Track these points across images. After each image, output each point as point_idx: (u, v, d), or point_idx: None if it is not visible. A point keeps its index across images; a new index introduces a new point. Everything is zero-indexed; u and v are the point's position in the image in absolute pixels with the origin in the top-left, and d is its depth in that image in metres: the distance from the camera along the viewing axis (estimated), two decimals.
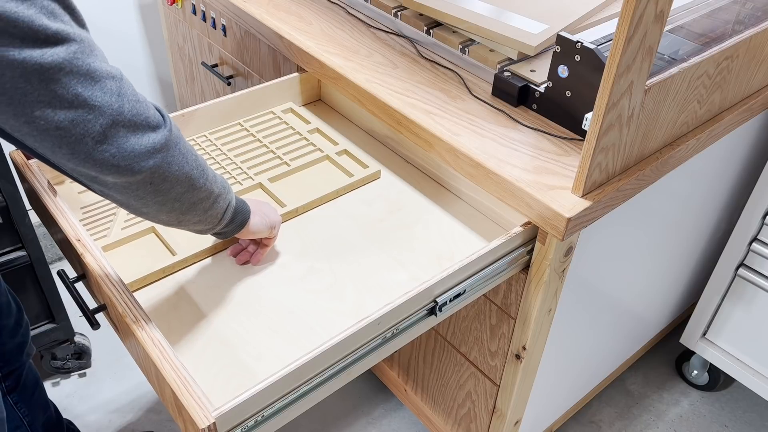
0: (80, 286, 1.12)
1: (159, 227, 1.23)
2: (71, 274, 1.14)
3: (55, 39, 0.75)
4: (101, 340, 2.10)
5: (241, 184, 1.34)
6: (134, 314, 0.97)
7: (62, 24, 0.77)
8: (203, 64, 2.07)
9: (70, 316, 1.94)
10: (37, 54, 0.74)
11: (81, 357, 2.02)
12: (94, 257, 1.07)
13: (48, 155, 0.82)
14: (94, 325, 1.05)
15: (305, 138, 1.48)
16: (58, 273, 1.14)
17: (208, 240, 1.21)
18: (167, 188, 0.90)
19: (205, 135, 1.47)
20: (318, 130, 1.50)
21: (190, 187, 0.93)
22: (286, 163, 1.40)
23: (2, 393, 1.41)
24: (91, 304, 1.10)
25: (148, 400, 1.96)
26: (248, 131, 1.49)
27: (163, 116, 0.88)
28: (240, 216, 1.07)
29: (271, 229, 1.15)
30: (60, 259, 2.36)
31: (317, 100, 1.65)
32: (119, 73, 0.83)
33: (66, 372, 2.02)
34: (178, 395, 0.86)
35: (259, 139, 1.47)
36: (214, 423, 0.83)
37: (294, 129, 1.50)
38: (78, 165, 0.83)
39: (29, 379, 1.47)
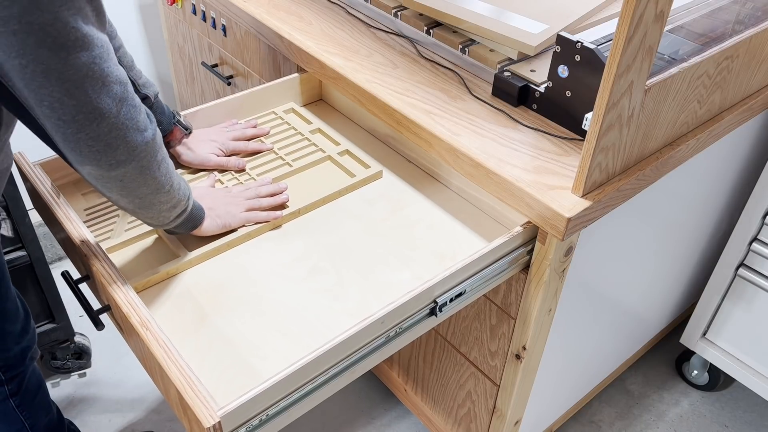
0: (83, 287, 1.13)
1: (161, 230, 1.23)
2: (73, 275, 1.14)
3: (82, 43, 0.82)
4: (101, 340, 2.10)
5: (244, 185, 1.34)
6: (139, 315, 0.98)
7: (91, 27, 0.83)
8: (203, 64, 2.08)
9: (70, 316, 1.94)
10: (62, 55, 0.81)
11: (81, 357, 2.02)
12: (98, 258, 1.07)
13: (45, 129, 0.89)
14: (99, 325, 1.06)
15: (307, 138, 1.48)
16: (62, 274, 1.14)
17: (212, 241, 1.21)
18: (135, 187, 0.98)
19: None
20: (320, 131, 1.51)
21: (155, 191, 1.01)
22: (288, 163, 1.41)
23: (4, 396, 1.41)
24: (95, 304, 1.10)
25: (148, 400, 1.96)
26: None
27: (150, 122, 0.95)
28: (191, 223, 1.15)
29: (223, 228, 1.21)
30: (60, 259, 2.36)
31: (318, 100, 1.65)
32: (125, 76, 0.89)
33: (66, 372, 2.02)
34: (183, 394, 0.87)
35: (261, 140, 1.47)
36: (219, 422, 0.83)
37: (296, 129, 1.50)
38: (64, 150, 0.90)
39: (32, 382, 1.47)
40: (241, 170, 1.39)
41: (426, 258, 1.22)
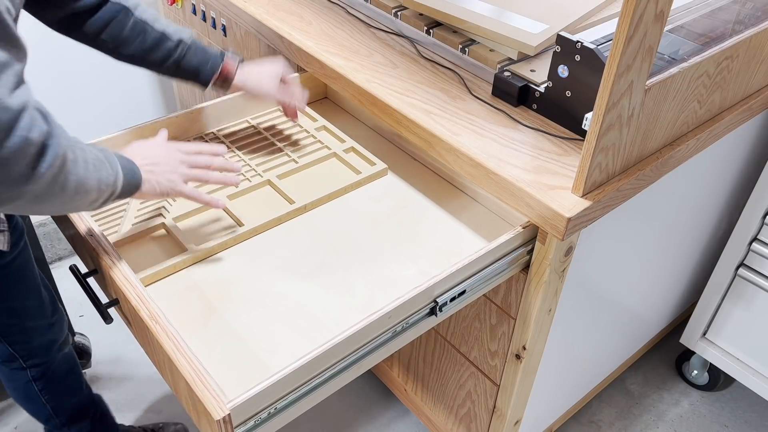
0: (88, 283, 1.13)
1: (167, 223, 1.24)
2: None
3: None
4: (101, 340, 2.10)
5: (250, 181, 1.35)
6: (148, 308, 0.98)
7: None
8: None
9: (69, 316, 1.94)
10: None
11: (81, 357, 2.02)
12: (106, 252, 1.08)
13: None
14: (107, 319, 1.06)
15: (312, 135, 1.49)
16: (71, 268, 1.14)
17: (219, 236, 1.22)
18: (38, 209, 0.88)
19: (213, 132, 1.48)
20: (325, 128, 1.51)
21: (66, 202, 0.91)
22: (294, 160, 1.42)
23: (27, 380, 1.43)
24: (102, 299, 1.10)
25: (148, 400, 1.96)
26: (256, 128, 1.50)
27: (46, 144, 0.83)
28: (123, 197, 1.02)
29: (162, 197, 1.10)
30: (60, 258, 2.36)
31: (324, 98, 1.66)
32: (20, 103, 0.79)
33: None
34: (192, 387, 0.87)
35: (267, 137, 1.48)
36: (228, 414, 0.84)
37: (301, 126, 1.51)
38: None
39: (60, 370, 1.47)
40: (294, 118, 1.41)
41: (432, 254, 1.23)
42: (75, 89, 2.24)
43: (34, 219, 1.81)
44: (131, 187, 1.03)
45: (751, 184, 1.73)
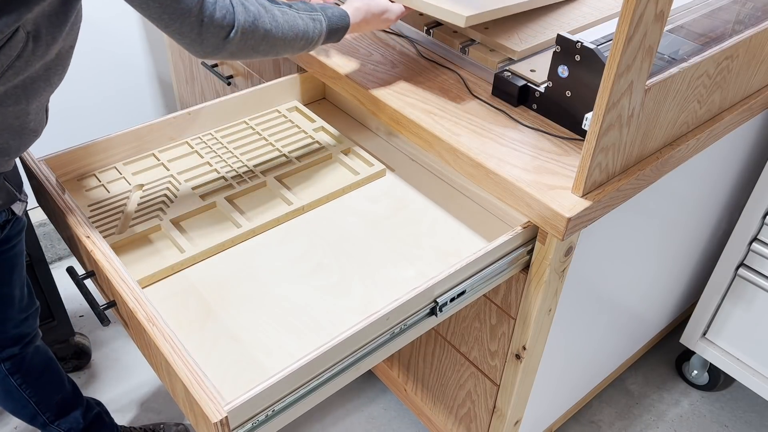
0: (87, 284, 1.13)
1: (165, 224, 1.24)
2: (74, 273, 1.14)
3: None
4: (101, 340, 2.10)
5: (248, 182, 1.35)
6: (145, 310, 0.98)
7: None
8: (203, 64, 2.08)
9: (69, 315, 1.94)
10: None
11: (80, 357, 2.02)
12: (104, 254, 1.08)
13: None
14: (105, 321, 1.06)
15: (311, 136, 1.49)
16: (68, 269, 1.14)
17: (217, 237, 1.22)
18: (242, 58, 1.11)
19: (211, 133, 1.48)
20: (323, 129, 1.51)
21: (267, 53, 1.13)
22: (292, 161, 1.41)
23: (4, 375, 1.43)
24: (99, 301, 1.10)
25: (147, 400, 1.96)
26: (254, 129, 1.50)
27: (235, 16, 1.04)
28: (335, 37, 1.25)
29: (379, 19, 1.32)
30: (60, 258, 2.36)
31: (322, 99, 1.66)
32: None
33: (65, 372, 2.02)
34: (189, 390, 0.87)
35: (264, 138, 1.48)
36: (226, 417, 0.84)
37: (299, 127, 1.51)
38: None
39: (35, 362, 1.47)
40: None
41: (430, 256, 1.23)
42: (75, 89, 2.24)
43: (34, 219, 1.80)
44: (337, 32, 1.25)
45: (751, 184, 1.72)
